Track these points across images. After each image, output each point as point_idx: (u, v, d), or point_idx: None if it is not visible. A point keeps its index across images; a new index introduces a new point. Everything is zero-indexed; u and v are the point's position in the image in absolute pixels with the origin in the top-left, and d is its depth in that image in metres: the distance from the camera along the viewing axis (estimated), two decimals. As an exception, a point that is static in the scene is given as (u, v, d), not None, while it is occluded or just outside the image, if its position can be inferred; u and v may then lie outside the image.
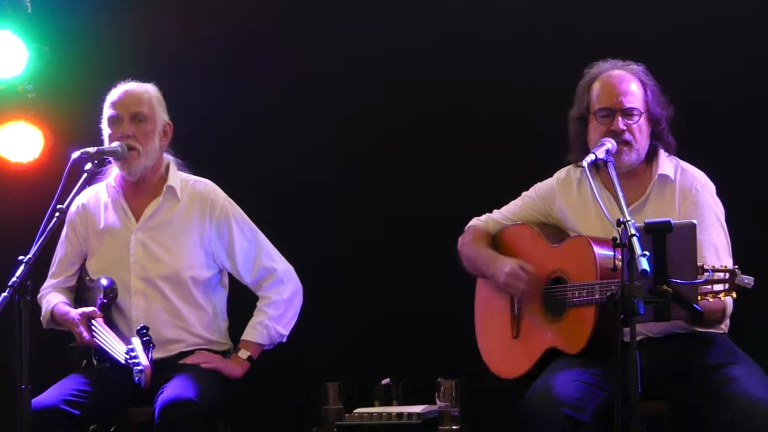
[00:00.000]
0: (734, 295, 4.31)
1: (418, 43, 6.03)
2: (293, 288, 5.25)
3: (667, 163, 4.82)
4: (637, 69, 4.82)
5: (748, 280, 4.29)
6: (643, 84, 4.79)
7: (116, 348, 4.86)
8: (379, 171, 6.08)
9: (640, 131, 4.75)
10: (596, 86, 4.81)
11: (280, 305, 5.21)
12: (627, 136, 4.71)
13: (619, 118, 4.72)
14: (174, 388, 4.81)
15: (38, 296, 5.18)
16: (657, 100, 4.79)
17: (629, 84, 4.77)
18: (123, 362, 4.78)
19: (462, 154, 5.98)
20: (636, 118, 4.73)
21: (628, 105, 4.73)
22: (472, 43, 5.97)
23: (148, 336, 4.79)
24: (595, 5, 5.81)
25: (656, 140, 4.81)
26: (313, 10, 6.14)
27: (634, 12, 5.76)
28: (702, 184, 4.79)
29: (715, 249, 4.59)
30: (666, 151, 4.84)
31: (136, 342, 4.76)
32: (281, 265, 5.24)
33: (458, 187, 5.91)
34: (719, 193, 4.80)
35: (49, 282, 5.24)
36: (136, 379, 4.68)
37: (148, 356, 4.71)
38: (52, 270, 5.24)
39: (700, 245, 4.37)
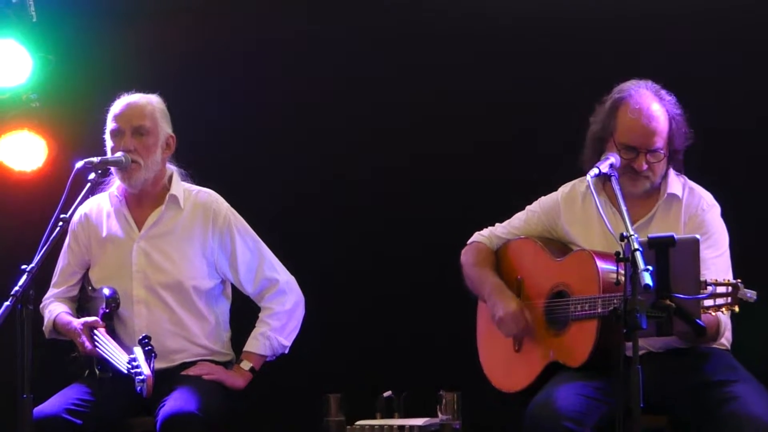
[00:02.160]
0: (737, 309, 4.30)
1: (422, 60, 6.03)
2: (295, 299, 5.24)
3: (676, 182, 4.81)
4: (668, 99, 4.72)
5: (751, 294, 4.28)
6: (671, 119, 4.70)
7: (118, 358, 4.86)
8: (382, 185, 6.08)
9: (660, 167, 4.72)
10: (626, 116, 4.69)
11: (282, 316, 5.21)
12: (647, 173, 4.70)
13: (644, 160, 4.68)
14: (176, 401, 4.80)
15: (41, 306, 5.18)
16: (680, 132, 4.72)
17: (658, 122, 4.67)
18: (125, 372, 4.78)
19: (465, 167, 5.98)
20: (660, 156, 4.70)
21: (655, 147, 4.68)
22: (474, 60, 5.98)
23: (150, 345, 4.79)
24: (603, 22, 5.81)
25: (668, 163, 4.79)
26: (319, 19, 6.15)
27: (639, 32, 5.76)
28: (708, 204, 4.78)
29: (716, 269, 4.57)
30: (675, 169, 4.82)
31: (138, 351, 4.77)
32: (283, 275, 5.24)
33: (462, 200, 5.91)
34: (724, 214, 4.79)
35: (51, 292, 5.24)
36: (138, 388, 4.68)
37: (150, 366, 4.71)
38: (54, 280, 5.25)
39: (702, 264, 4.36)
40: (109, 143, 5.11)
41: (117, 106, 5.13)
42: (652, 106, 4.70)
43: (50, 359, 5.01)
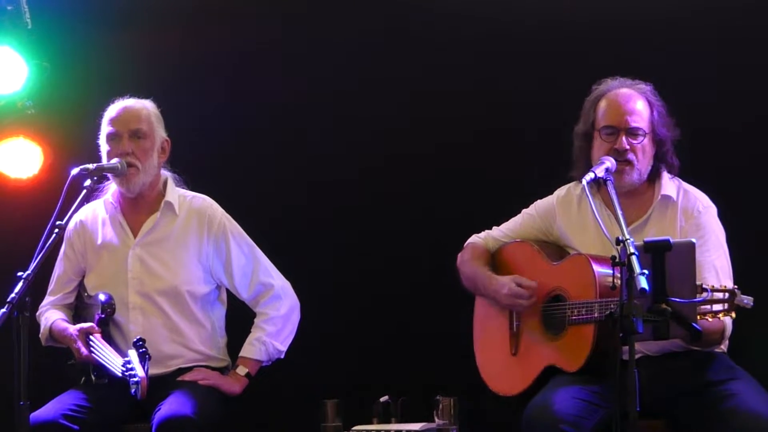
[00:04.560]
0: (733, 315, 4.31)
1: (421, 60, 6.02)
2: (290, 304, 5.24)
3: (670, 185, 4.82)
4: (645, 88, 4.81)
5: (747, 300, 4.29)
6: (650, 104, 4.78)
7: (114, 362, 4.86)
8: (379, 191, 6.07)
9: (643, 152, 4.74)
10: (603, 103, 4.80)
11: (278, 321, 5.21)
12: (630, 155, 4.72)
13: (623, 137, 4.71)
14: (171, 405, 4.81)
15: (37, 314, 5.18)
16: (663, 121, 4.79)
17: (636, 103, 4.76)
18: (120, 375, 4.78)
19: (462, 173, 5.98)
20: (640, 138, 4.73)
21: (634, 124, 4.73)
22: (472, 60, 5.98)
23: (144, 348, 4.79)
24: (597, 23, 5.82)
25: (660, 161, 4.80)
26: (314, 26, 6.15)
27: (639, 33, 5.76)
28: (704, 206, 4.79)
29: (716, 271, 4.59)
30: (669, 172, 4.84)
31: (133, 354, 4.77)
32: (278, 281, 5.24)
33: (458, 206, 5.91)
34: (723, 218, 4.80)
35: (47, 299, 5.23)
36: (133, 390, 4.69)
37: (144, 368, 4.72)
38: (50, 287, 5.24)
39: (701, 267, 4.37)
40: (104, 148, 5.11)
41: (112, 110, 5.14)
42: (629, 91, 4.80)
43: (47, 366, 5.01)
